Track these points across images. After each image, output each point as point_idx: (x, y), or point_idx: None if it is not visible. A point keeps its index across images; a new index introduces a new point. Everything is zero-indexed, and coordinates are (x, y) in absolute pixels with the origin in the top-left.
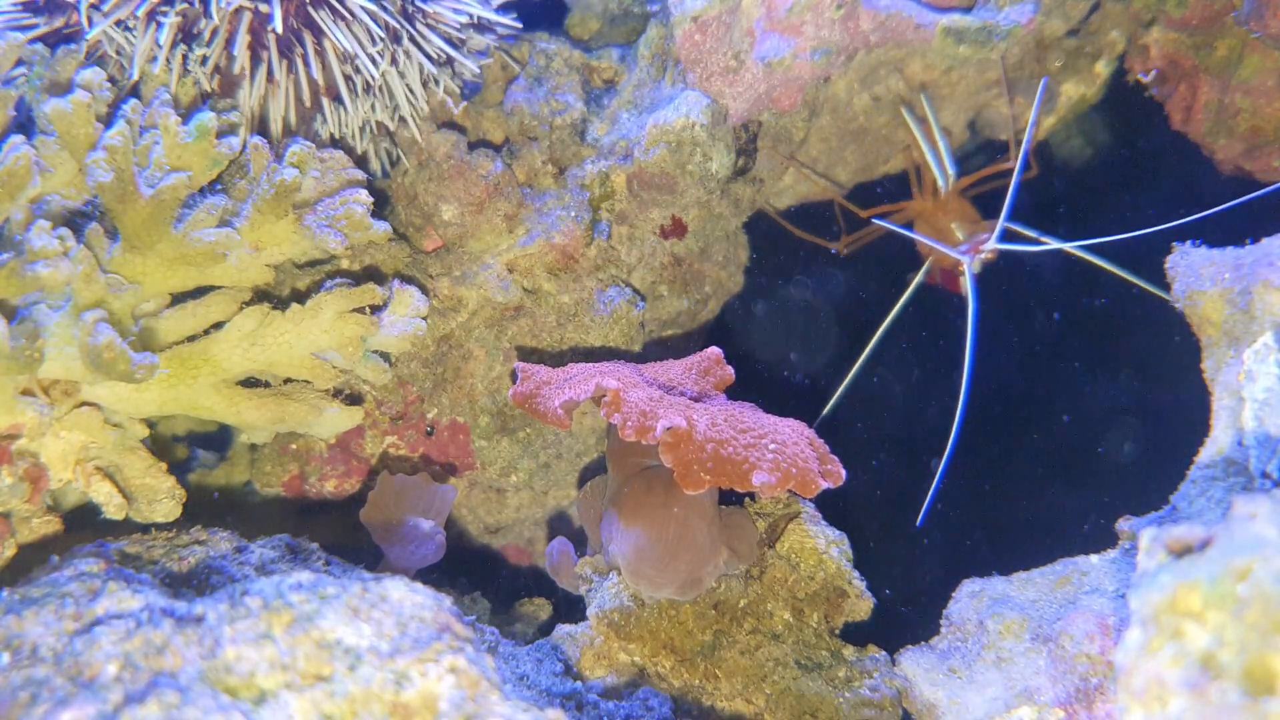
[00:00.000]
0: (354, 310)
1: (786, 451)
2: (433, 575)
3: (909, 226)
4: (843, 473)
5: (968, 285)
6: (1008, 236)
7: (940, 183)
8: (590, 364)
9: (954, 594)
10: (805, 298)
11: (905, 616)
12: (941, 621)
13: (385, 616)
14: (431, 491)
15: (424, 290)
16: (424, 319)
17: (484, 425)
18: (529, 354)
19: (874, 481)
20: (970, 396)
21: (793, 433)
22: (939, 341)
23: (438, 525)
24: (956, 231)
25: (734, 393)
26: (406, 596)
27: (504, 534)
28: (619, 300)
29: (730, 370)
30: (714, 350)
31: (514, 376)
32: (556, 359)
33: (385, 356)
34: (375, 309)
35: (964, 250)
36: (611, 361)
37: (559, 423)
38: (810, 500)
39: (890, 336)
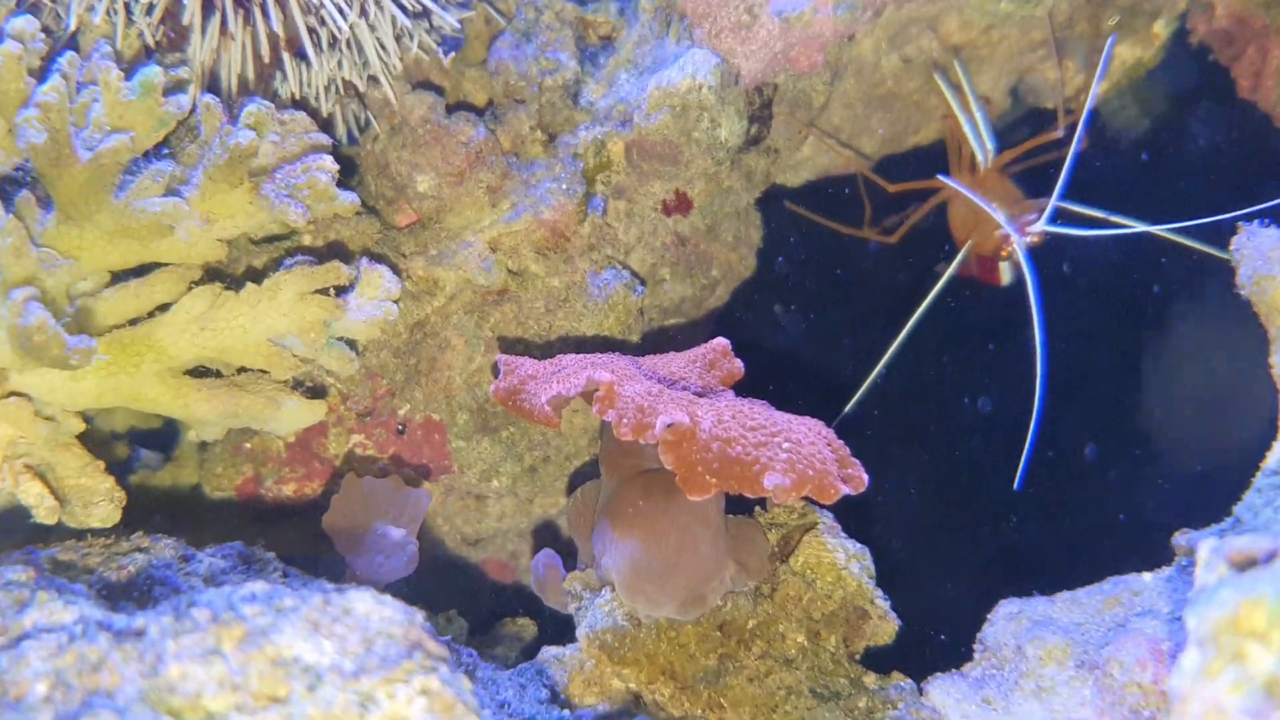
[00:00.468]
0: (316, 292)
1: (802, 452)
2: (403, 590)
3: (941, 207)
4: (865, 477)
5: (1009, 272)
6: (1058, 217)
7: (979, 157)
8: (582, 355)
9: (989, 615)
10: (825, 284)
11: (934, 641)
12: (975, 646)
13: (349, 632)
14: (403, 497)
15: (396, 270)
16: (396, 303)
17: (462, 424)
18: (513, 344)
19: (899, 489)
20: (1001, 395)
21: (809, 432)
22: (969, 337)
23: (409, 535)
24: (998, 220)
25: (744, 389)
26: (374, 610)
27: (484, 546)
28: (615, 284)
29: (739, 364)
30: (721, 341)
31: (496, 369)
32: (544, 350)
33: (351, 344)
34: (341, 291)
35: (1014, 229)
36: (606, 353)
37: (546, 421)
38: (828, 509)
39: (918, 331)
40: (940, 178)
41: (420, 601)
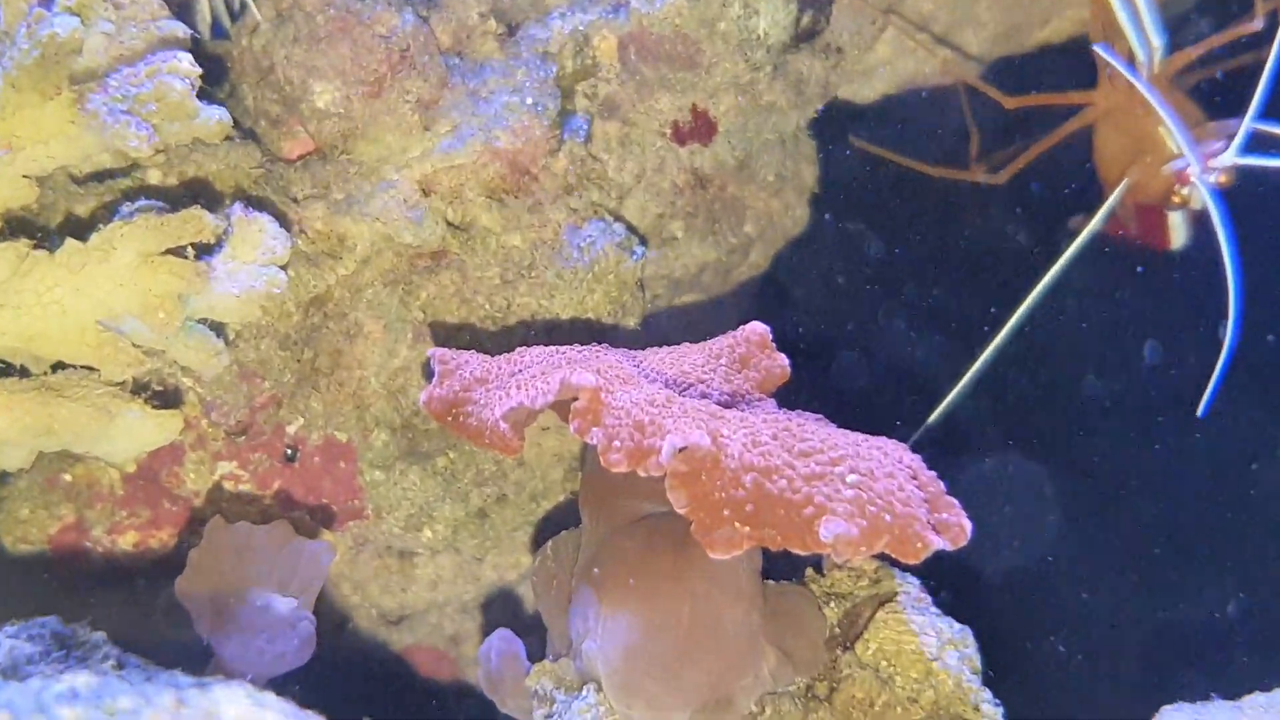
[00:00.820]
0: (167, 252)
1: (875, 488)
2: (294, 687)
3: (1082, 135)
4: (967, 525)
5: (1182, 228)
6: (1255, 144)
7: (1140, 57)
8: (555, 349)
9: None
10: (907, 246)
11: None
12: None
13: None
14: (293, 553)
15: (284, 222)
16: (284, 269)
17: (380, 447)
18: (455, 331)
19: (1012, 537)
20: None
21: (885, 460)
22: (1120, 324)
23: (302, 607)
24: (1168, 140)
25: (791, 397)
26: (250, 714)
27: (412, 625)
28: (603, 244)
29: (782, 361)
30: (757, 328)
31: (429, 369)
32: (500, 339)
33: (219, 330)
34: (204, 251)
35: (1196, 157)
36: (590, 345)
37: (503, 445)
38: (913, 571)
39: (1041, 314)
40: (1099, 50)
41: (318, 705)
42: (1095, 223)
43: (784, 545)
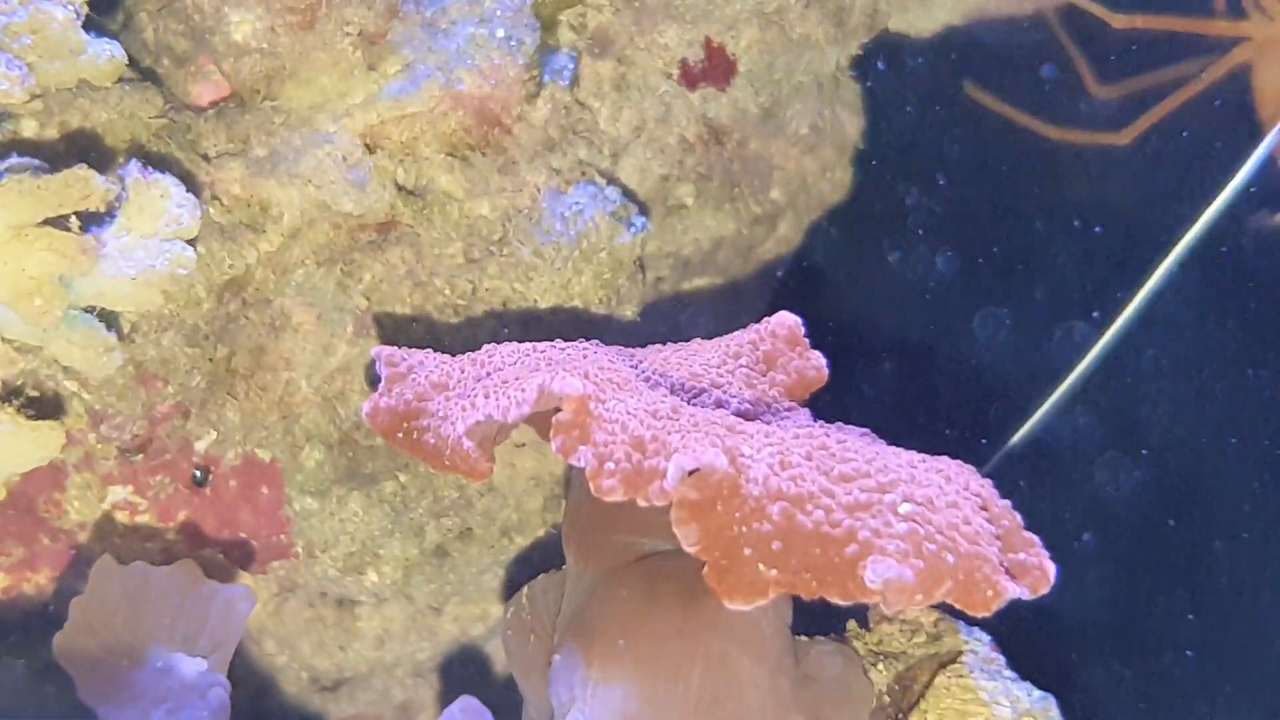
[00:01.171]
0: (45, 223)
1: (935, 521)
2: None
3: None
4: (1050, 569)
5: None
6: None
7: None
8: (531, 346)
9: None
10: (982, 220)
11: None
12: None
13: None
14: (201, 601)
15: (192, 186)
16: (192, 244)
17: (312, 468)
18: (407, 323)
19: (1105, 580)
20: None
21: (947, 486)
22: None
23: (214, 669)
24: None
25: (828, 408)
26: None
27: (353, 692)
28: (593, 212)
29: (817, 361)
30: (785, 320)
31: (375, 371)
32: (463, 335)
33: (111, 320)
34: (92, 222)
35: None
36: (576, 342)
37: (468, 468)
38: (981, 627)
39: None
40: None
41: None
42: (1241, 177)
43: (820, 592)
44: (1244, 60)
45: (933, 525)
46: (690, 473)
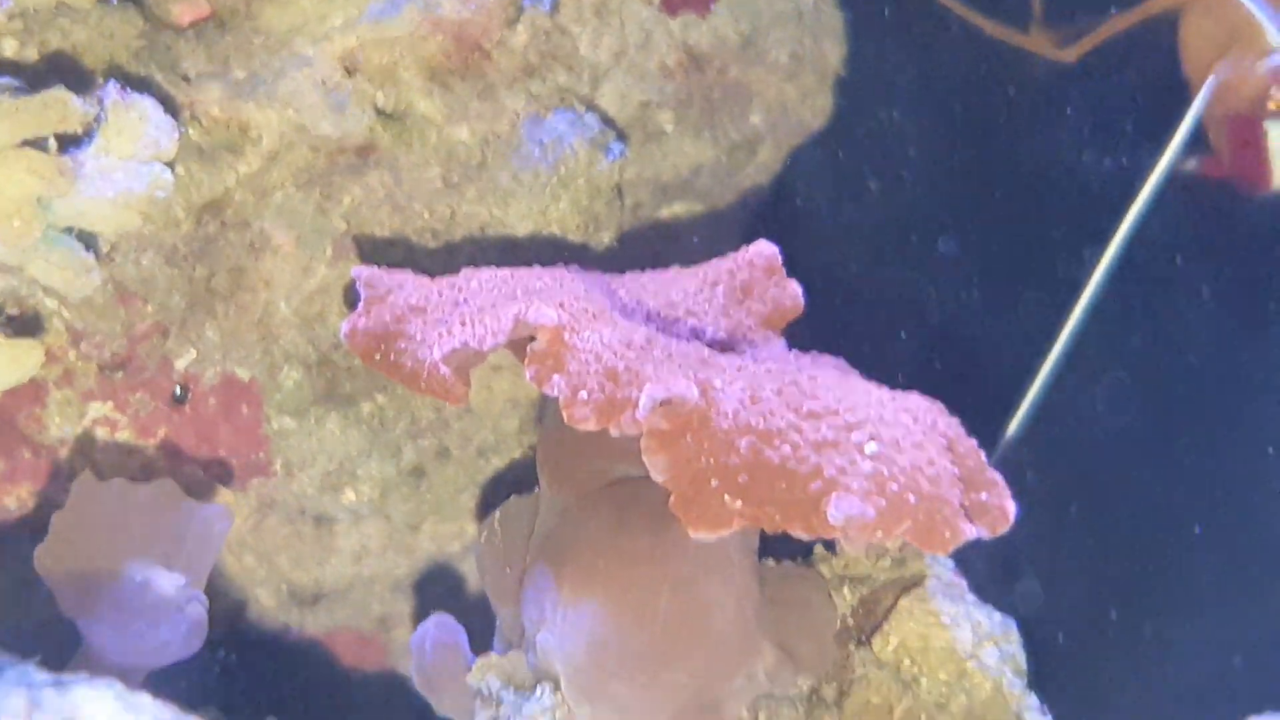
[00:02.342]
0: (24, 145)
1: (899, 461)
2: (181, 683)
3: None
4: (1010, 509)
5: None
6: None
7: None
8: (508, 271)
9: None
10: (960, 146)
11: None
12: None
13: None
14: (180, 517)
15: (171, 107)
16: (170, 165)
17: (291, 387)
18: (384, 247)
19: (1073, 511)
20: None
21: (914, 425)
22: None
23: (192, 585)
24: (1266, 32)
25: (805, 337)
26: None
27: (331, 606)
28: (572, 139)
29: (794, 290)
30: (763, 249)
31: (353, 293)
32: (441, 259)
33: (90, 241)
34: (70, 143)
35: None
36: (553, 268)
37: (444, 392)
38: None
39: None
40: None
41: (212, 703)
42: (1180, 137)
43: (784, 526)
44: (1175, 4)
45: (897, 466)
46: (662, 403)
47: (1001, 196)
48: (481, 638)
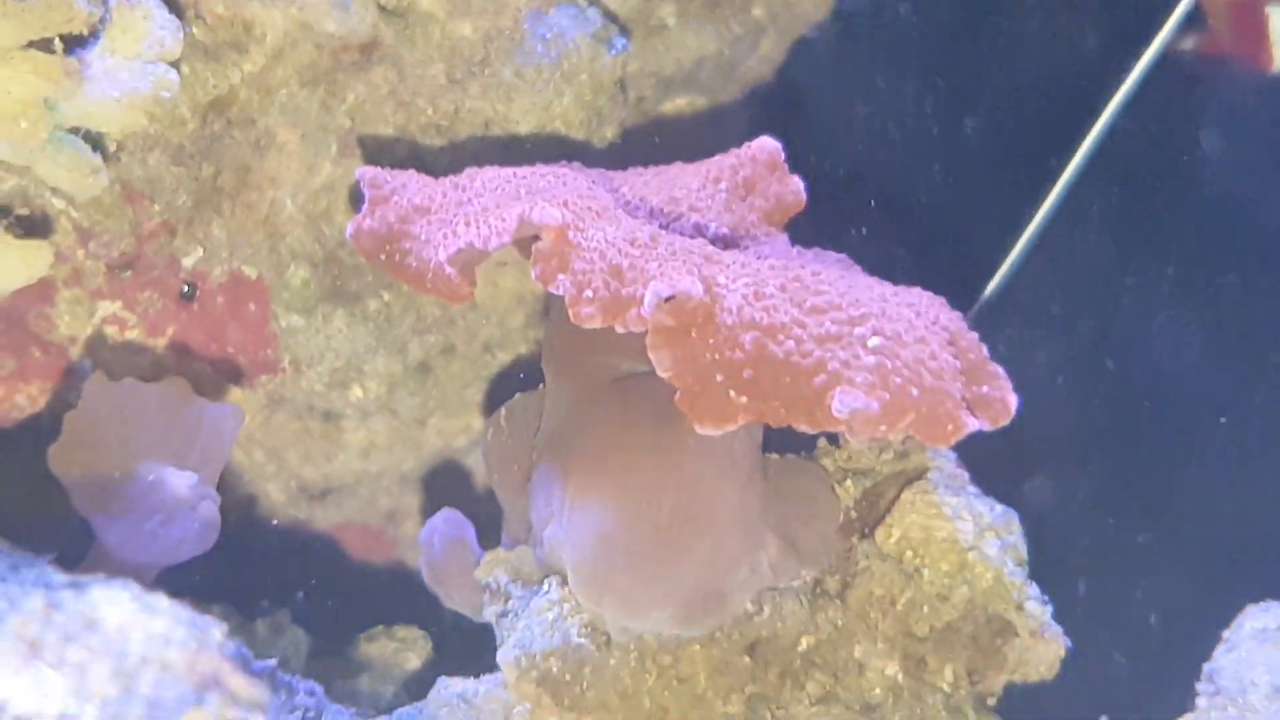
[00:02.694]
0: (29, 45)
1: (902, 355)
2: (194, 578)
3: None
4: (1012, 401)
5: None
6: None
7: None
8: (512, 170)
9: (1225, 632)
10: (962, 36)
11: (1123, 673)
12: (1199, 685)
13: (94, 659)
14: (191, 417)
15: (175, 7)
16: (175, 65)
17: (298, 285)
18: (389, 145)
19: (1055, 410)
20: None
21: (917, 320)
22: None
23: (204, 483)
24: None
25: (808, 234)
26: (136, 621)
27: (339, 501)
28: (575, 34)
29: (796, 186)
30: (765, 145)
31: (358, 192)
32: (445, 157)
33: (96, 141)
34: (75, 44)
35: None
36: (557, 165)
37: (449, 292)
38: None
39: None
40: None
41: (223, 599)
42: (1176, 13)
43: (788, 420)
44: None
45: (900, 360)
46: (667, 300)
47: (1006, 86)
48: (489, 533)
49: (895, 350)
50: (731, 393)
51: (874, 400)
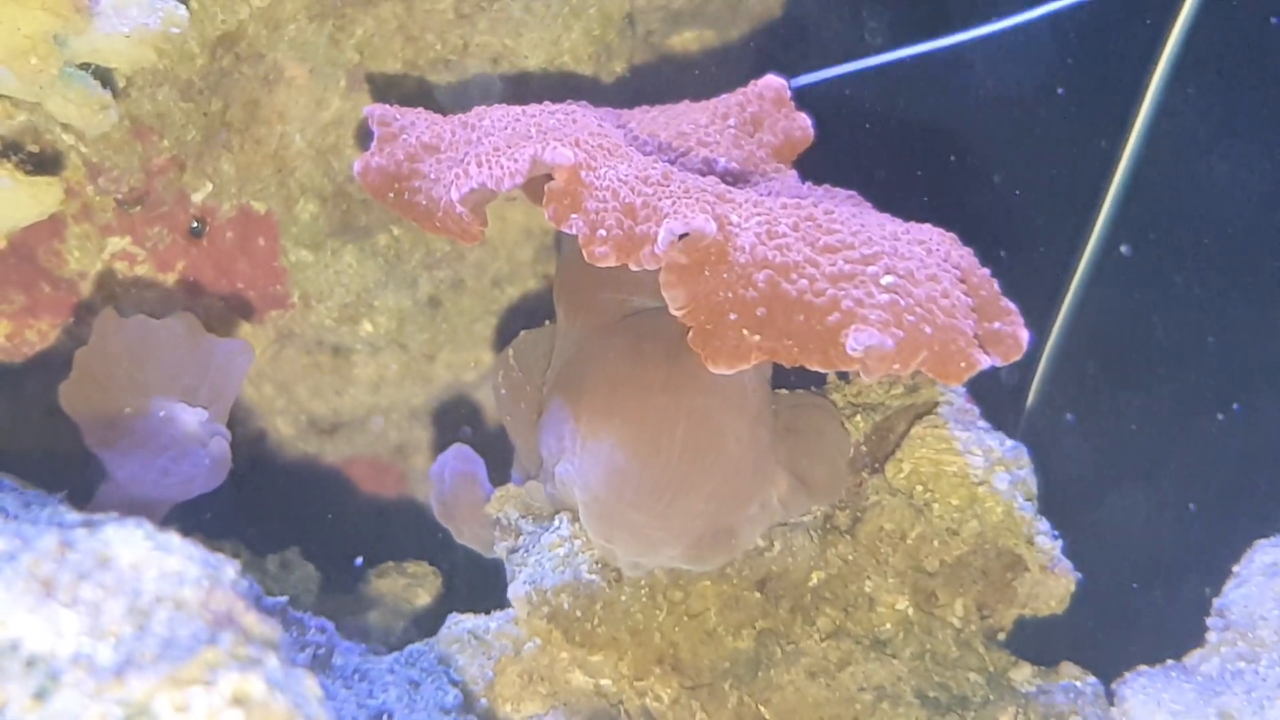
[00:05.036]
0: None
1: (915, 294)
2: (206, 515)
3: None
4: (1023, 336)
5: None
6: None
7: None
8: (521, 109)
9: (1235, 567)
10: None
11: (1133, 605)
12: (1209, 620)
13: (108, 597)
14: (201, 353)
15: None
16: (185, 1)
17: (307, 220)
18: (398, 81)
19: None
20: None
21: (929, 258)
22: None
23: (215, 418)
24: None
25: (817, 169)
26: (149, 559)
27: (349, 435)
28: None
29: (803, 122)
30: (771, 82)
31: (367, 129)
32: (454, 93)
33: (106, 77)
34: None
35: None
36: (565, 104)
37: (460, 231)
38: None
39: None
40: None
41: (234, 535)
42: None
43: (801, 359)
44: None
45: (912, 298)
46: (680, 238)
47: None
48: (499, 469)
49: (908, 288)
50: (745, 331)
51: (888, 338)
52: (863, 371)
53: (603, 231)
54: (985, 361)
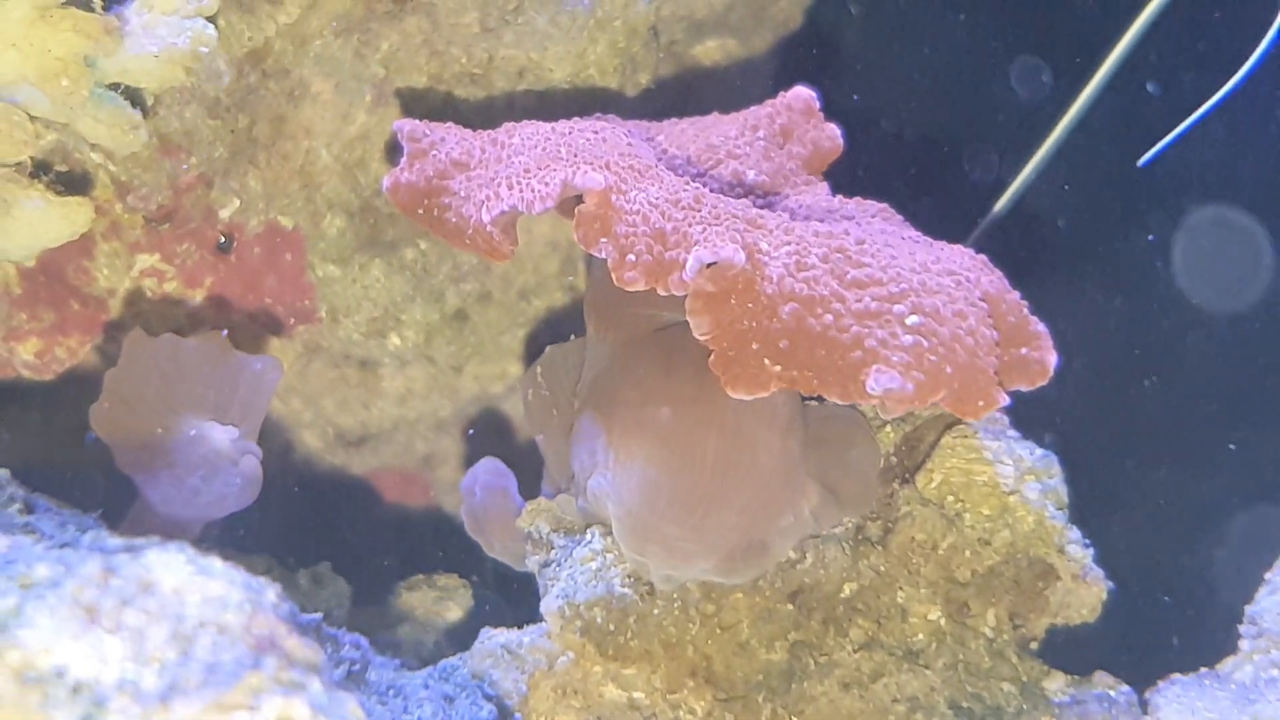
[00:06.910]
0: (68, 3)
1: (940, 333)
2: (239, 533)
3: None
4: (1050, 362)
5: None
6: None
7: None
8: (550, 127)
9: (1267, 574)
10: None
11: (1165, 614)
12: (1241, 627)
13: (152, 623)
14: (231, 371)
15: None
16: (212, 20)
17: (334, 235)
18: (424, 95)
19: (1088, 345)
20: None
21: (956, 291)
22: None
23: (246, 435)
24: None
25: (847, 180)
26: (192, 584)
27: (377, 447)
28: None
29: (832, 132)
30: (800, 93)
31: (394, 144)
32: (480, 109)
33: (135, 98)
34: (113, 1)
35: None
36: (592, 118)
37: (490, 250)
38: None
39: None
40: None
41: (266, 551)
42: None
43: (820, 391)
44: None
45: (937, 337)
46: (708, 266)
47: (1044, 31)
48: (529, 482)
49: (933, 328)
50: (766, 361)
51: (909, 382)
52: (881, 410)
53: (631, 256)
54: (1005, 400)
